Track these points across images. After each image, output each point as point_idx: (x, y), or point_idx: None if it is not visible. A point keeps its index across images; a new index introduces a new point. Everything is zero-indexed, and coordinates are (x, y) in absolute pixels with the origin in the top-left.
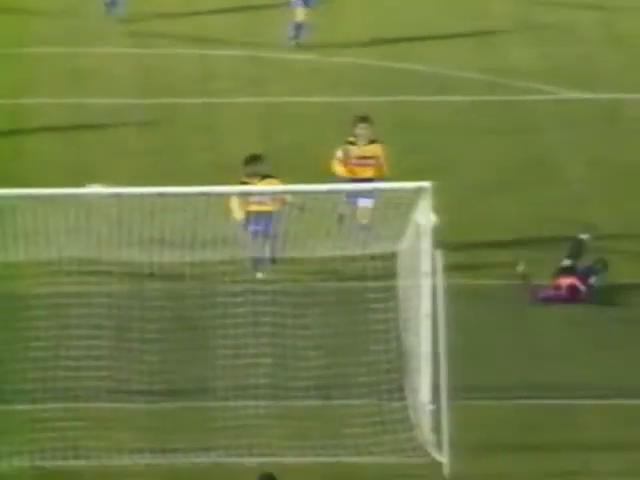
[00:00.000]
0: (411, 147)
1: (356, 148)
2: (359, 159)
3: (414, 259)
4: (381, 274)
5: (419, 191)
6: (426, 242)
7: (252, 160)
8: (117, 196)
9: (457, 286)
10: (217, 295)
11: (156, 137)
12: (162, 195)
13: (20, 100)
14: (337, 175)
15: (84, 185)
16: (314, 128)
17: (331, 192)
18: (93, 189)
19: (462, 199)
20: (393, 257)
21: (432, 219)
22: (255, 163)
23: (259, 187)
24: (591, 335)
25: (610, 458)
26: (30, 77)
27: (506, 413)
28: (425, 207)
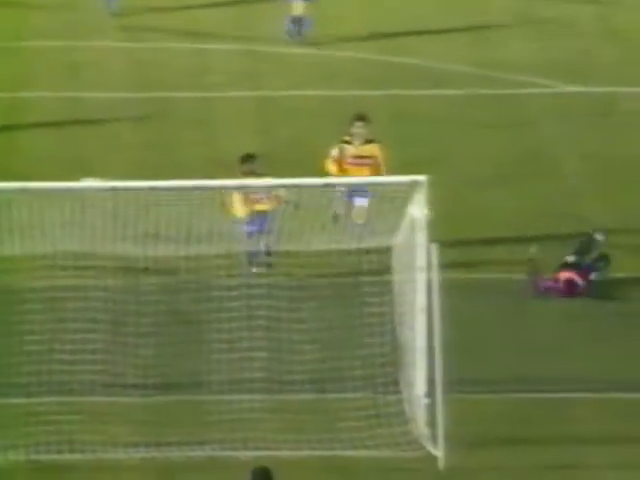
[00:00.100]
0: (407, 140)
1: (352, 147)
2: (355, 159)
3: (409, 253)
4: (376, 268)
5: (414, 184)
6: (421, 236)
7: (247, 159)
8: (112, 190)
9: (452, 280)
10: (212, 289)
11: (151, 131)
12: (156, 189)
13: (16, 94)
14: (330, 175)
15: (79, 179)
16: (310, 122)
17: (327, 186)
18: (88, 183)
19: (457, 193)
20: (388, 251)
21: (426, 213)
22: (250, 162)
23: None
24: (587, 329)
25: (606, 451)
26: (26, 71)
27: (501, 407)
28: (420, 201)
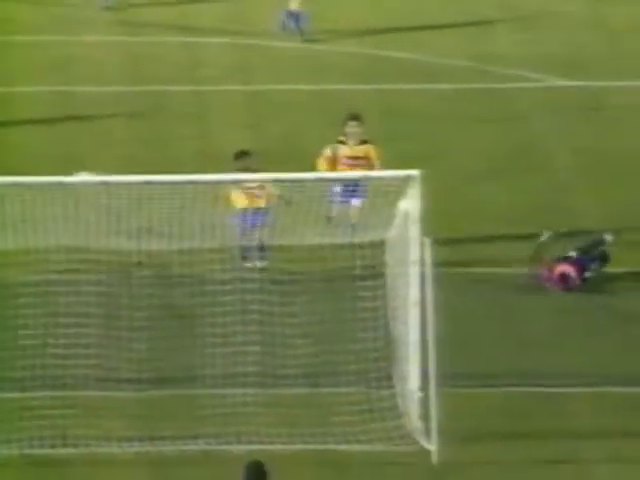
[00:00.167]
0: (399, 135)
1: (346, 147)
2: (349, 159)
3: (402, 247)
4: (369, 262)
5: (408, 179)
6: (414, 230)
7: (242, 155)
8: (105, 184)
9: (446, 274)
10: (205, 283)
11: (143, 125)
12: (150, 183)
13: (8, 88)
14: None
15: (72, 174)
16: (301, 116)
17: (319, 181)
18: (81, 177)
19: (450, 187)
20: (381, 245)
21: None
22: (245, 158)
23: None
24: (580, 323)
25: (598, 445)
26: (18, 65)
27: (495, 401)
28: (414, 195)
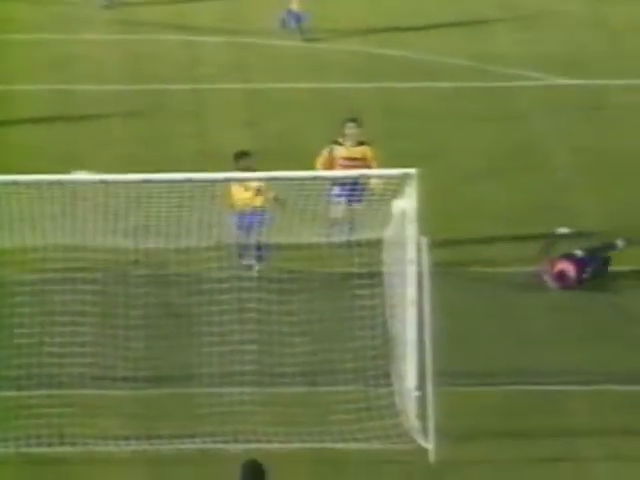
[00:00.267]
0: (398, 133)
1: (343, 148)
2: (345, 160)
3: (400, 246)
4: (367, 261)
5: (405, 177)
6: (412, 229)
7: (242, 156)
8: (102, 183)
9: (443, 273)
10: (202, 282)
11: (143, 124)
12: (147, 182)
13: (6, 87)
14: None
15: (70, 172)
16: (300, 115)
17: (316, 179)
18: (79, 176)
19: (449, 186)
20: (379, 244)
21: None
22: (245, 159)
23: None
24: (578, 321)
25: (597, 444)
26: (17, 64)
27: (492, 399)
28: (411, 194)
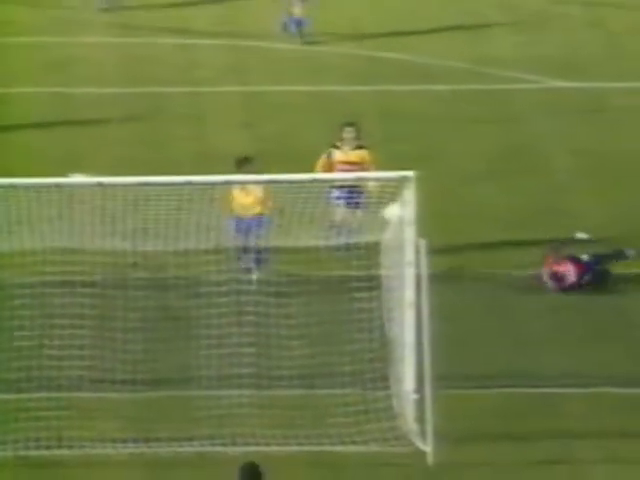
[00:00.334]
0: (396, 136)
1: (341, 153)
2: (343, 164)
3: (398, 249)
4: (365, 263)
5: (403, 180)
6: (410, 231)
7: (244, 162)
8: (100, 186)
9: (442, 275)
10: (201, 284)
11: (141, 127)
12: (146, 184)
13: (5, 90)
14: None
15: (67, 175)
16: (298, 117)
17: (315, 182)
18: (77, 179)
19: (447, 188)
20: (377, 246)
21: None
22: (247, 165)
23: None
24: (577, 323)
25: (594, 446)
26: (16, 67)
27: (490, 402)
28: (409, 196)
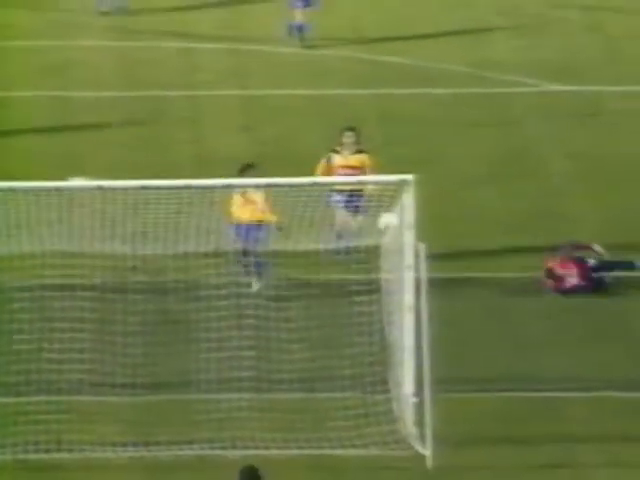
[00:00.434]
0: (396, 140)
1: (341, 157)
2: (343, 169)
3: (397, 252)
4: (365, 267)
5: (402, 184)
6: (409, 235)
7: (246, 168)
8: (100, 189)
9: (441, 279)
10: (200, 288)
11: (141, 130)
12: (145, 188)
13: (5, 93)
14: None
15: (67, 178)
16: (299, 121)
17: (315, 185)
18: (76, 182)
19: (447, 192)
20: (377, 250)
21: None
22: (249, 171)
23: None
24: (576, 327)
25: (595, 450)
26: (15, 70)
27: (490, 405)
28: (409, 200)
